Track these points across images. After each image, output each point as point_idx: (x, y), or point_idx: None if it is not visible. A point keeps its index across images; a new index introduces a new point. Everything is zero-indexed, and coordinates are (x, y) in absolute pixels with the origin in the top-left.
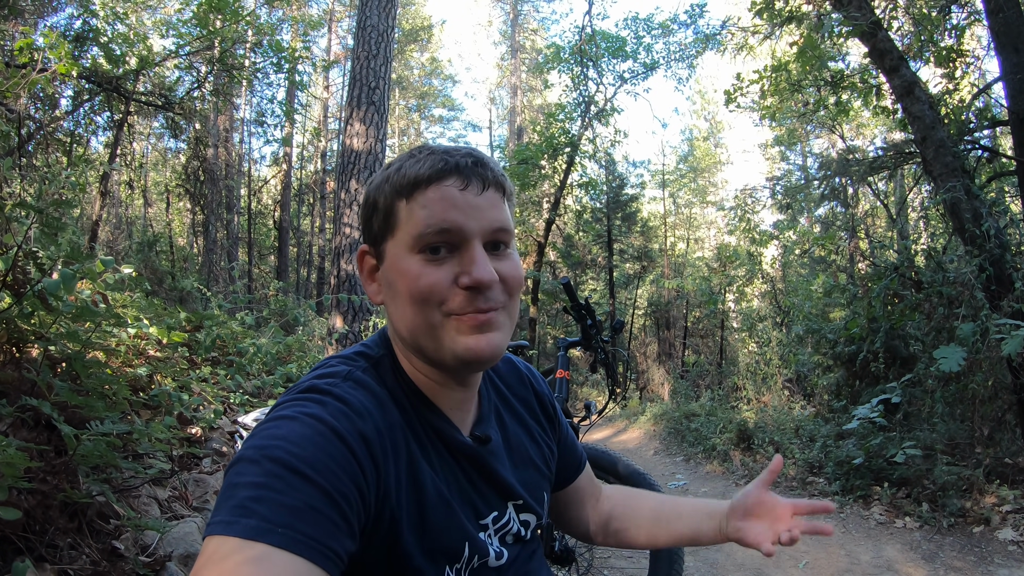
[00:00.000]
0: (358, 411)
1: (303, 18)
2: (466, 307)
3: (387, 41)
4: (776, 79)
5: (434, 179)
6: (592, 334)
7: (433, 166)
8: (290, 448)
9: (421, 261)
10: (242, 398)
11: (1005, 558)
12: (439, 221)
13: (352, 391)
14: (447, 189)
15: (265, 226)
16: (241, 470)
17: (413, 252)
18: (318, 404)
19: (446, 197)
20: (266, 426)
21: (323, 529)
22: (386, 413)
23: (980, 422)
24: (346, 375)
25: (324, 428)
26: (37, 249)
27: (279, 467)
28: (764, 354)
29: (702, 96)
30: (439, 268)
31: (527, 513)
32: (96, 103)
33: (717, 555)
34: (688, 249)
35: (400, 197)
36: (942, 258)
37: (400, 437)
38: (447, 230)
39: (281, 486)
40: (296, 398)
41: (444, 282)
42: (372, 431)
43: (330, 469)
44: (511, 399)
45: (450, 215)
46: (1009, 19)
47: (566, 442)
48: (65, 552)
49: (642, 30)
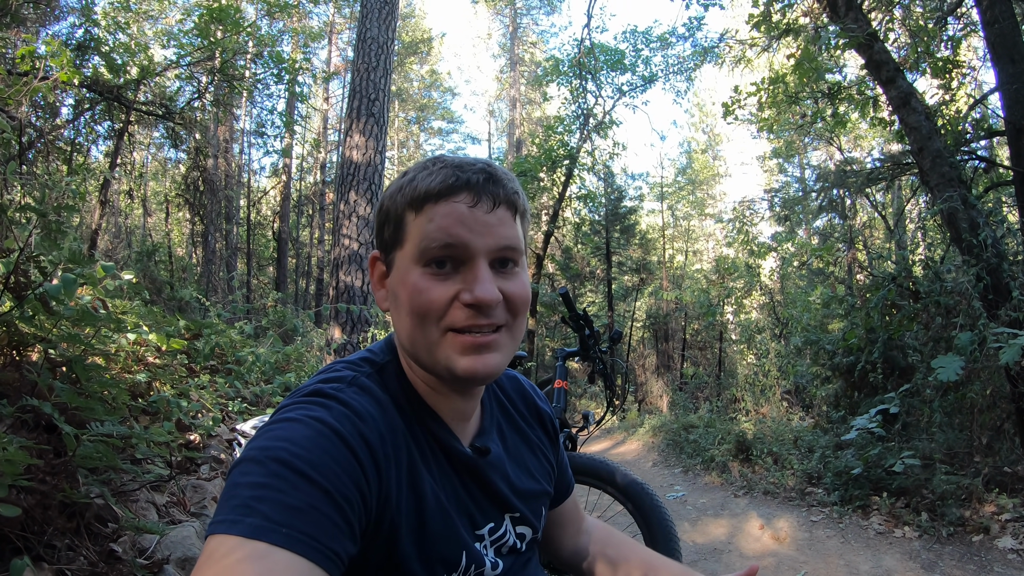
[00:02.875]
0: (361, 416)
1: (304, 30)
2: (466, 323)
3: (387, 53)
4: (774, 91)
5: (444, 194)
6: (590, 344)
7: (444, 181)
8: (293, 450)
9: (425, 275)
10: (240, 406)
11: (1005, 567)
12: (444, 236)
13: (356, 396)
14: (456, 205)
15: (264, 237)
16: (245, 470)
17: (418, 265)
18: (322, 408)
19: (454, 213)
20: (270, 428)
21: (324, 530)
22: (389, 419)
23: (979, 431)
24: (351, 380)
25: (328, 431)
26: (39, 254)
27: (282, 468)
28: (763, 365)
29: (700, 109)
30: (442, 283)
31: (523, 526)
32: (97, 112)
33: (716, 566)
34: (687, 261)
35: (410, 209)
36: (940, 268)
37: (402, 443)
38: (452, 245)
39: (284, 486)
40: (300, 401)
41: (445, 298)
42: (375, 436)
43: (333, 471)
44: (513, 413)
45: (456, 231)
46: (1005, 30)
47: (560, 464)
48: (63, 552)
49: (641, 43)
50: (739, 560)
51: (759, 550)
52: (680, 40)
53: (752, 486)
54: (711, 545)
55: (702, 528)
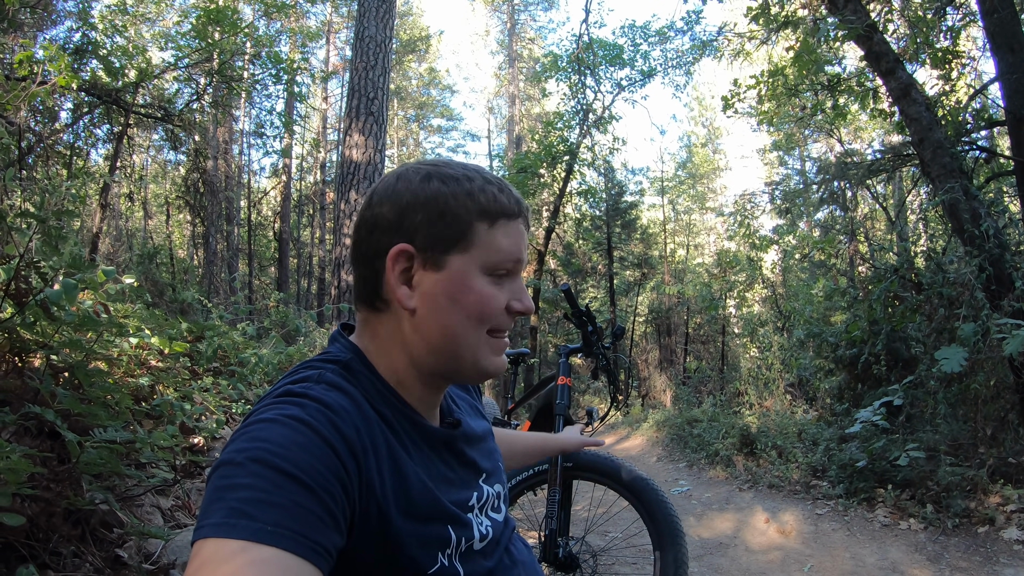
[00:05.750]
0: (334, 409)
1: (301, 30)
2: (505, 326)
3: (385, 52)
4: (773, 84)
5: (515, 215)
6: (593, 340)
7: (515, 203)
8: (272, 449)
9: (490, 283)
10: (244, 408)
11: (1011, 558)
12: (517, 253)
13: (326, 392)
14: (520, 226)
15: (265, 238)
16: (226, 473)
17: (483, 273)
18: (295, 406)
19: (520, 233)
20: (246, 430)
21: (310, 525)
22: (362, 410)
23: (983, 422)
24: (318, 378)
25: (303, 427)
26: (39, 259)
27: (263, 468)
28: (766, 359)
29: (700, 102)
30: (501, 291)
31: (496, 484)
32: (96, 115)
33: (722, 560)
34: (688, 255)
35: (483, 219)
36: (942, 259)
37: (378, 432)
38: (519, 261)
39: (267, 486)
40: (273, 402)
41: (504, 304)
42: (350, 428)
43: (312, 466)
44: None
45: (521, 250)
46: (1004, 20)
47: None
48: (69, 560)
49: (639, 37)
50: (745, 554)
51: (765, 544)
52: (679, 34)
53: (757, 480)
54: (717, 539)
55: (707, 522)
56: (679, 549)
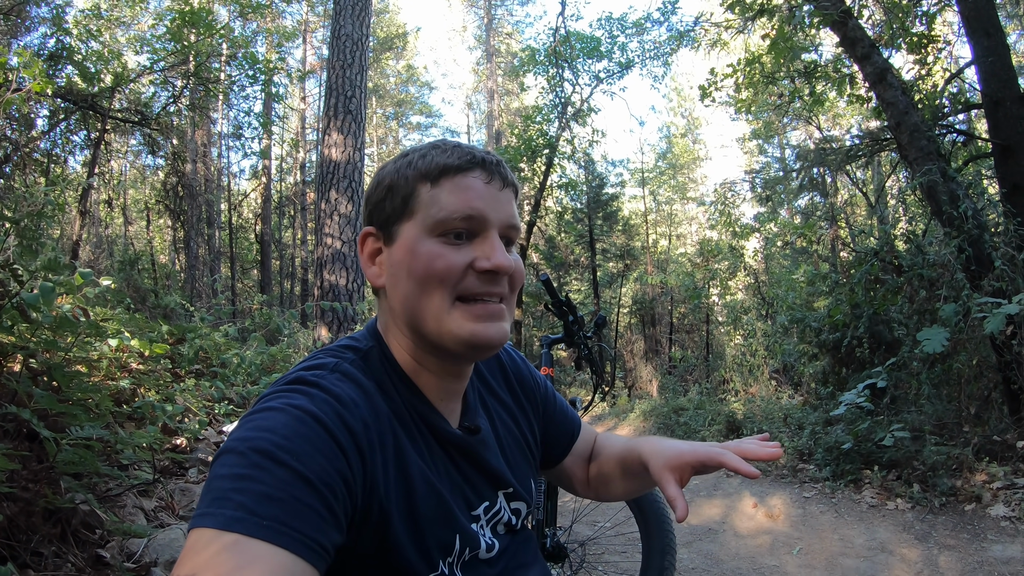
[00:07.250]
0: (344, 402)
1: (277, 30)
2: (479, 291)
3: (362, 50)
4: (750, 72)
5: (463, 168)
6: (574, 330)
7: (461, 157)
8: (275, 439)
9: (440, 243)
10: (227, 408)
11: (998, 534)
12: (466, 207)
13: (339, 383)
14: (473, 179)
15: (247, 240)
16: (226, 461)
17: (432, 235)
18: (303, 395)
19: (472, 186)
20: (252, 417)
21: (307, 520)
22: (373, 404)
23: (967, 401)
24: (333, 367)
25: (310, 419)
26: (15, 262)
27: (263, 458)
28: (750, 346)
29: (678, 93)
30: (457, 251)
31: (517, 501)
32: (72, 122)
33: (712, 546)
34: (670, 245)
35: (424, 181)
36: (921, 241)
37: (387, 428)
38: (472, 217)
39: (266, 477)
40: (282, 390)
41: (462, 263)
42: (358, 423)
43: (316, 460)
44: (495, 387)
45: (475, 203)
46: (979, 4)
47: (555, 415)
48: (50, 559)
49: (616, 29)
50: (734, 539)
51: (753, 528)
52: (655, 25)
53: None
54: (706, 526)
55: (696, 509)
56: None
